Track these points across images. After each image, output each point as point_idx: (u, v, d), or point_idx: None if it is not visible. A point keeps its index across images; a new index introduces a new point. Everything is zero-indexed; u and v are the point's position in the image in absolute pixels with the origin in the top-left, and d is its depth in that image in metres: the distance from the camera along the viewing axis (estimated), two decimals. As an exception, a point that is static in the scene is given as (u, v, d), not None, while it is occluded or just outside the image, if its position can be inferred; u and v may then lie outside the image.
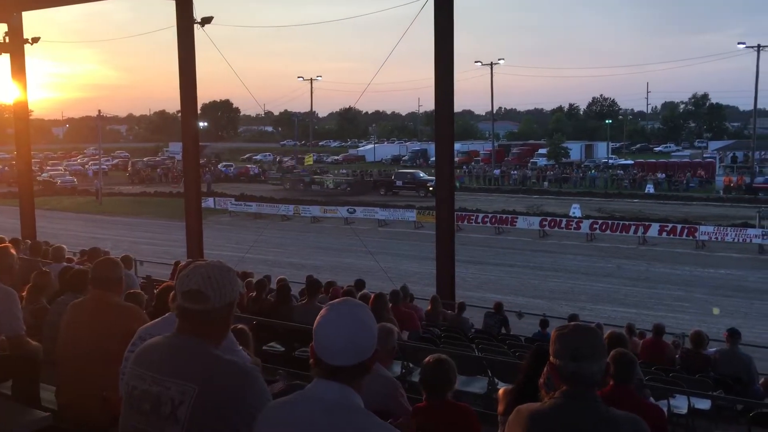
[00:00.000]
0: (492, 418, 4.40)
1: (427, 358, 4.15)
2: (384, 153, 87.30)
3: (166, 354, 2.34)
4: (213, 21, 17.92)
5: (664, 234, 31.27)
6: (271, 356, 8.53)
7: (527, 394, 3.46)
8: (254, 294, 10.44)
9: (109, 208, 46.73)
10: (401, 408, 3.89)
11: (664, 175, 55.85)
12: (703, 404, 8.20)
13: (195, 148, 19.27)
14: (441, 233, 16.01)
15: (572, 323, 2.69)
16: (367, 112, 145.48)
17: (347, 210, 39.91)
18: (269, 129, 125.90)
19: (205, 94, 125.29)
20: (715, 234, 30.52)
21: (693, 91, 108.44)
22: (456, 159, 73.22)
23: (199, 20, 17.84)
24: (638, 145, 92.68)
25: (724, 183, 50.46)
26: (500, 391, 4.12)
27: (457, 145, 78.76)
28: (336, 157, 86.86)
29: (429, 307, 12.52)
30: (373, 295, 8.28)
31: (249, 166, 74.22)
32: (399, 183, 51.97)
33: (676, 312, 19.79)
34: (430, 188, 49.19)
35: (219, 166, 71.73)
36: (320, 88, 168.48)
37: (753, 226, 31.27)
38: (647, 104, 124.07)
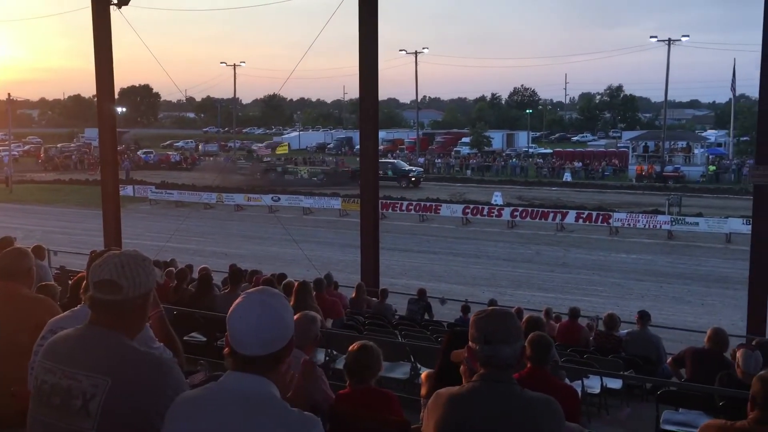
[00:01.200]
0: (415, 402, 4.47)
1: (352, 345, 4.18)
2: (309, 141, 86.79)
3: (77, 346, 2.27)
4: (130, 2, 17.33)
5: (581, 221, 32.35)
6: (193, 347, 8.40)
7: (446, 376, 3.54)
8: (175, 284, 10.23)
9: (21, 196, 44.70)
10: (324, 395, 3.91)
11: (581, 163, 57.70)
12: (615, 384, 8.56)
13: (112, 134, 18.64)
14: (365, 221, 16.08)
15: (488, 308, 2.77)
16: (291, 99, 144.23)
17: (272, 198, 39.51)
18: (191, 115, 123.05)
19: (123, 78, 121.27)
20: (628, 220, 31.79)
21: (608, 83, 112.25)
22: (381, 147, 73.05)
23: (115, 1, 17.22)
24: (557, 135, 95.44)
25: (636, 171, 52.52)
26: (423, 375, 4.20)
27: (382, 133, 78.59)
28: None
29: (354, 295, 12.57)
30: (297, 284, 8.25)
31: (170, 153, 72.44)
32: (380, 173, 51.15)
33: (591, 296, 20.54)
34: (413, 179, 49.40)
35: (138, 152, 69.72)
36: (244, 74, 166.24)
37: (663, 213, 32.74)
38: (566, 95, 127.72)
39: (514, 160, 62.98)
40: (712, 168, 52.48)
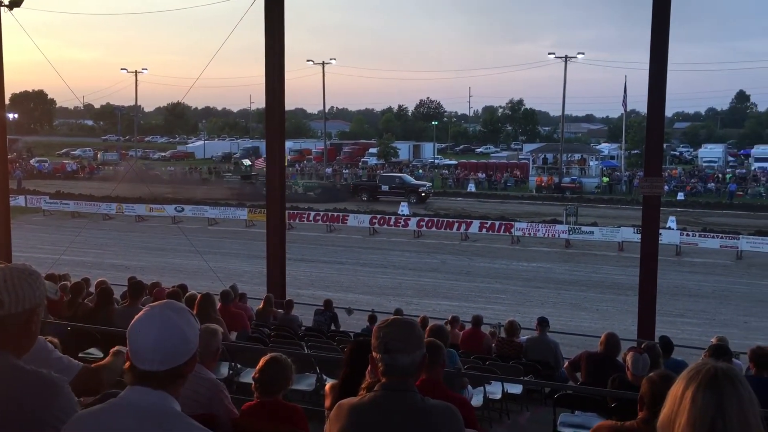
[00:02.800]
0: (320, 414, 4.47)
1: (263, 357, 4.15)
2: (214, 150, 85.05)
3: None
4: (23, 4, 16.53)
5: (484, 230, 33.22)
6: (90, 363, 8.06)
7: (350, 387, 3.57)
8: (69, 298, 9.80)
9: None
10: (225, 410, 3.86)
11: (484, 174, 59.27)
12: (516, 389, 8.84)
13: (2, 141, 17.68)
14: (271, 231, 15.94)
15: (390, 318, 2.82)
16: (196, 108, 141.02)
17: (175, 208, 38.44)
18: (89, 123, 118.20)
19: (16, 83, 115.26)
20: (528, 230, 32.91)
21: (510, 97, 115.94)
22: (288, 157, 72.56)
23: (6, 2, 16.38)
24: (461, 146, 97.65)
25: (536, 182, 54.47)
26: (327, 386, 4.21)
27: (289, 143, 77.97)
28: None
29: (261, 306, 12.42)
30: (200, 296, 8.07)
31: (66, 161, 69.34)
32: (385, 188, 47.12)
33: (494, 303, 21.10)
34: (423, 194, 46.31)
35: (31, 161, 66.36)
36: (146, 81, 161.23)
37: (561, 222, 34.10)
38: (470, 108, 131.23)
39: (420, 171, 63.96)
40: (605, 179, 55.04)
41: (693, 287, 23.77)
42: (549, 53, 63.08)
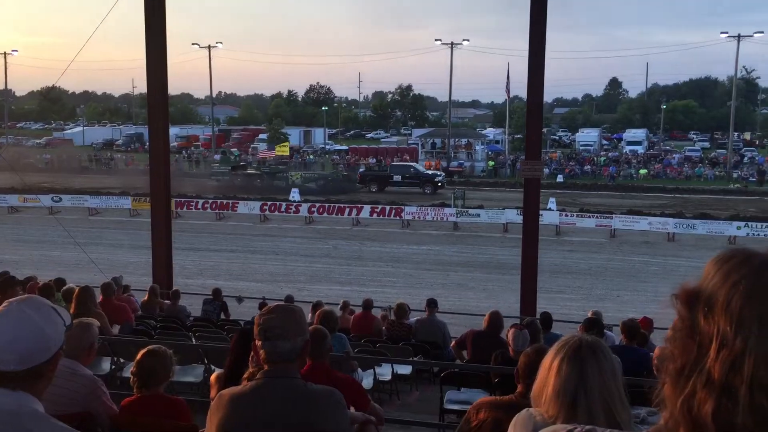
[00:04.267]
0: (208, 405, 4.41)
1: (141, 351, 4.03)
2: (95, 136, 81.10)
3: None
4: None
5: (375, 215, 33.57)
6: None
7: (236, 376, 3.54)
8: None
9: None
10: (103, 407, 3.73)
11: (375, 159, 59.74)
12: (405, 369, 9.04)
13: None
14: (156, 220, 15.44)
15: (272, 305, 2.82)
16: (74, 92, 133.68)
17: (52, 198, 36.40)
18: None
19: None
20: (418, 214, 33.55)
21: (399, 83, 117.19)
22: (175, 144, 69.94)
23: None
24: (352, 132, 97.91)
25: (425, 167, 55.46)
26: (212, 377, 4.15)
27: (175, 129, 75.24)
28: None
29: (146, 298, 12.04)
30: (77, 289, 7.73)
31: (-75, 149, 64.02)
32: (397, 178, 44.99)
33: (386, 287, 21.39)
34: (439, 184, 44.61)
35: None
36: (16, 63, 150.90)
37: (449, 206, 34.97)
38: (360, 93, 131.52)
39: (311, 156, 63.67)
40: (491, 163, 56.84)
41: (571, 265, 25.04)
42: (436, 40, 63.94)
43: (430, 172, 47.37)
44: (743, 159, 58.87)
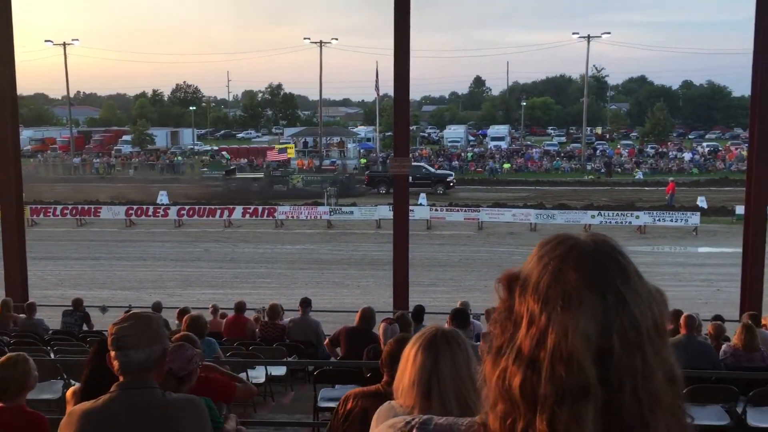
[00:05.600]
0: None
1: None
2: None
3: None
4: None
5: (248, 216, 33.04)
6: None
7: (93, 390, 3.38)
8: None
9: None
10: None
11: (246, 160, 58.79)
12: (280, 370, 8.97)
13: None
14: (8, 228, 14.40)
15: (128, 314, 2.71)
16: None
17: None
18: None
19: None
20: (292, 213, 33.35)
21: (269, 81, 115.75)
22: (29, 147, 65.47)
23: None
24: (222, 132, 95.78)
25: (297, 165, 55.21)
26: (69, 392, 3.94)
27: (29, 132, 70.49)
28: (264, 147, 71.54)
29: (-3, 313, 11.21)
30: None
31: None
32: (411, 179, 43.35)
33: (260, 288, 21.10)
34: (452, 184, 43.81)
35: None
36: None
37: (322, 204, 35.02)
38: (229, 92, 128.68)
39: (179, 158, 61.71)
40: (363, 161, 57.42)
41: (442, 258, 25.77)
42: (305, 38, 63.76)
43: (440, 172, 46.62)
44: (596, 152, 62.89)
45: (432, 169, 46.65)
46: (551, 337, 0.94)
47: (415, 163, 48.30)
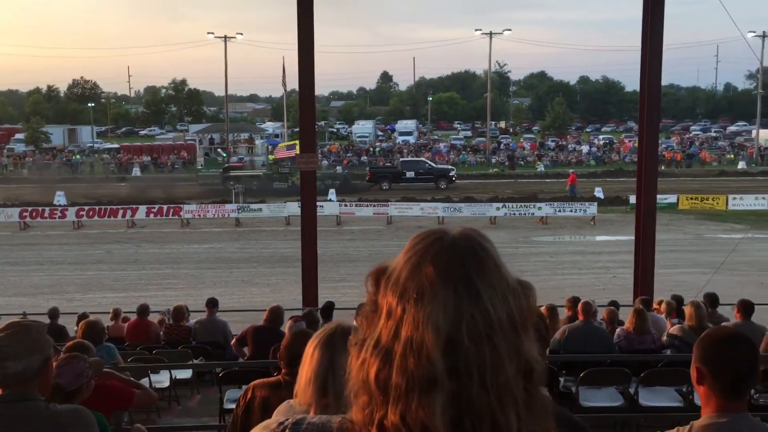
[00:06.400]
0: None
1: None
2: None
3: None
4: None
5: (152, 215, 32.06)
6: None
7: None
8: None
9: None
10: None
11: (149, 157, 56.99)
12: (185, 373, 8.76)
13: None
14: None
15: (5, 323, 2.58)
16: None
17: None
18: None
19: None
20: (198, 211, 32.60)
21: (173, 77, 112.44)
22: None
23: None
24: (124, 129, 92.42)
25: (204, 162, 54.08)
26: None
27: None
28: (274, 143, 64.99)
29: None
30: None
31: None
32: (410, 174, 42.97)
33: (166, 290, 20.52)
34: (453, 178, 43.45)
35: None
36: None
37: (230, 202, 34.41)
38: (130, 88, 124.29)
39: (77, 156, 59.15)
40: (271, 157, 56.73)
41: (352, 253, 25.82)
42: (208, 33, 62.36)
43: (442, 166, 46.62)
44: (500, 146, 64.61)
45: (434, 165, 46.81)
46: (404, 329, 0.97)
47: (418, 159, 49.99)
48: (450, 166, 47.98)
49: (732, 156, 57.43)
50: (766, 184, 41.74)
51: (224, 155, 57.66)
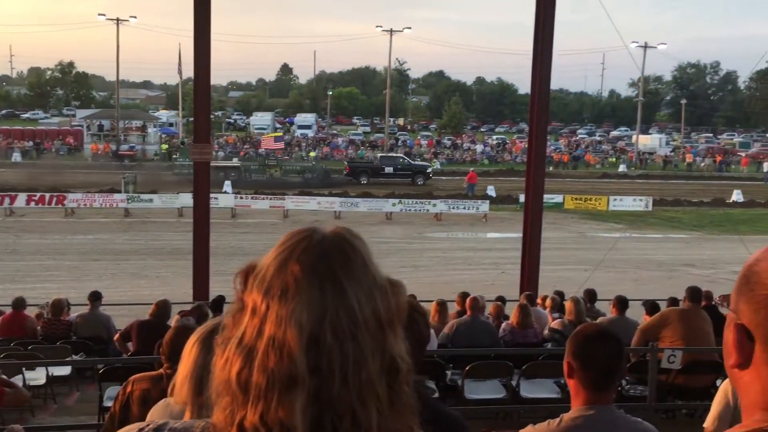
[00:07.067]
0: None
1: None
2: None
3: None
4: None
5: (33, 204, 30.37)
6: None
7: None
8: None
9: None
10: None
11: (32, 142, 53.88)
12: (64, 370, 8.36)
13: None
14: None
15: None
16: None
17: None
18: None
19: None
20: (84, 201, 31.17)
21: (60, 59, 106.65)
22: None
23: None
24: (4, 112, 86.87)
25: (92, 150, 51.71)
26: None
27: None
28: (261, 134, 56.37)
29: None
30: None
31: None
32: (389, 170, 43.54)
33: (46, 282, 19.48)
34: (431, 175, 44.56)
35: None
36: None
37: (119, 191, 33.07)
38: (12, 69, 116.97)
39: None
40: (164, 146, 55.02)
41: (247, 246, 25.39)
42: (99, 14, 59.47)
43: (420, 163, 47.83)
44: (398, 142, 65.38)
45: (412, 161, 47.74)
46: (268, 327, 0.96)
47: (395, 155, 50.85)
48: (427, 163, 49.26)
49: (614, 159, 60.66)
50: (644, 187, 44.38)
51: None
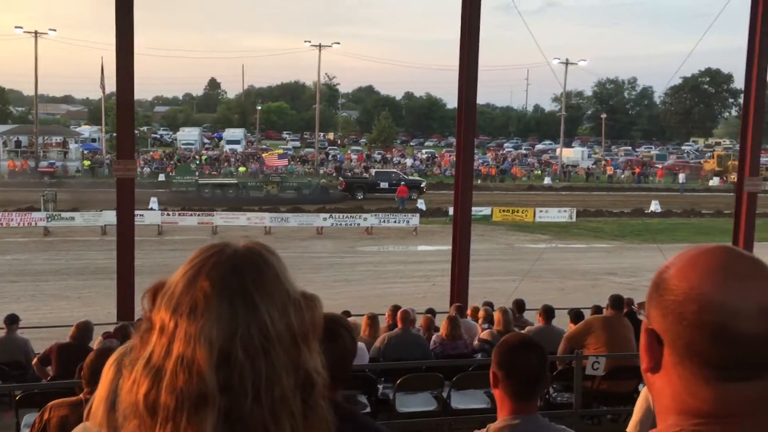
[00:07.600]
0: None
1: None
2: None
3: None
4: None
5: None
6: None
7: None
8: None
9: None
10: None
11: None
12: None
13: None
14: None
15: None
16: None
17: None
18: None
19: None
20: (1, 219, 29.86)
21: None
22: None
23: None
24: None
25: (8, 167, 49.70)
26: None
27: None
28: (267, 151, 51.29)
29: None
30: None
31: None
32: (384, 185, 44.11)
33: (-42, 306, 18.54)
34: (424, 189, 44.54)
35: None
36: None
37: (38, 210, 31.81)
38: None
39: None
40: (87, 162, 53.34)
41: (175, 264, 24.20)
42: (16, 27, 57.30)
43: (414, 178, 48.89)
44: (328, 157, 65.32)
45: (406, 177, 48.72)
46: (176, 345, 0.93)
47: (389, 170, 51.64)
48: (420, 179, 49.83)
49: (539, 172, 62.25)
50: (568, 198, 45.67)
51: (197, 161, 56.68)
